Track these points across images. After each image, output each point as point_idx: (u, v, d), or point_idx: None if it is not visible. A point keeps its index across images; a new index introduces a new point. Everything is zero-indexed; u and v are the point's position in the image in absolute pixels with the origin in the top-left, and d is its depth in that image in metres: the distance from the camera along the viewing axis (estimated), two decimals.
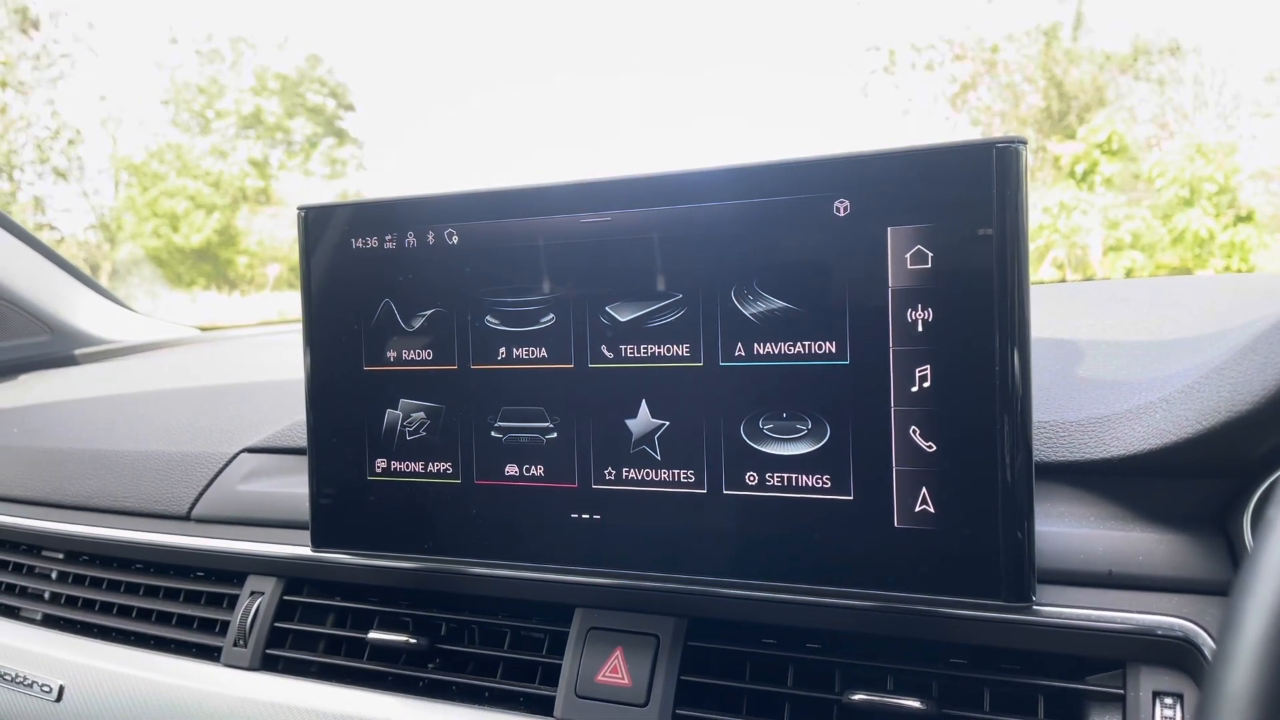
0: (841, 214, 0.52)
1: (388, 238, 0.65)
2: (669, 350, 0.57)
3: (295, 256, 0.67)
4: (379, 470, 0.66)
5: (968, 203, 0.49)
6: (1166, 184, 9.88)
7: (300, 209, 0.68)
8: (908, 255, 0.51)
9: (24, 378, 1.36)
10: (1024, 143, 0.49)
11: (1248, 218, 9.74)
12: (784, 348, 0.54)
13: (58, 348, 1.45)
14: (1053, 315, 0.78)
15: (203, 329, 1.62)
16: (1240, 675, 0.29)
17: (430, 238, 0.63)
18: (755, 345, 0.55)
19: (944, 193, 0.50)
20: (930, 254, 0.51)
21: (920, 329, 0.51)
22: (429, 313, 0.64)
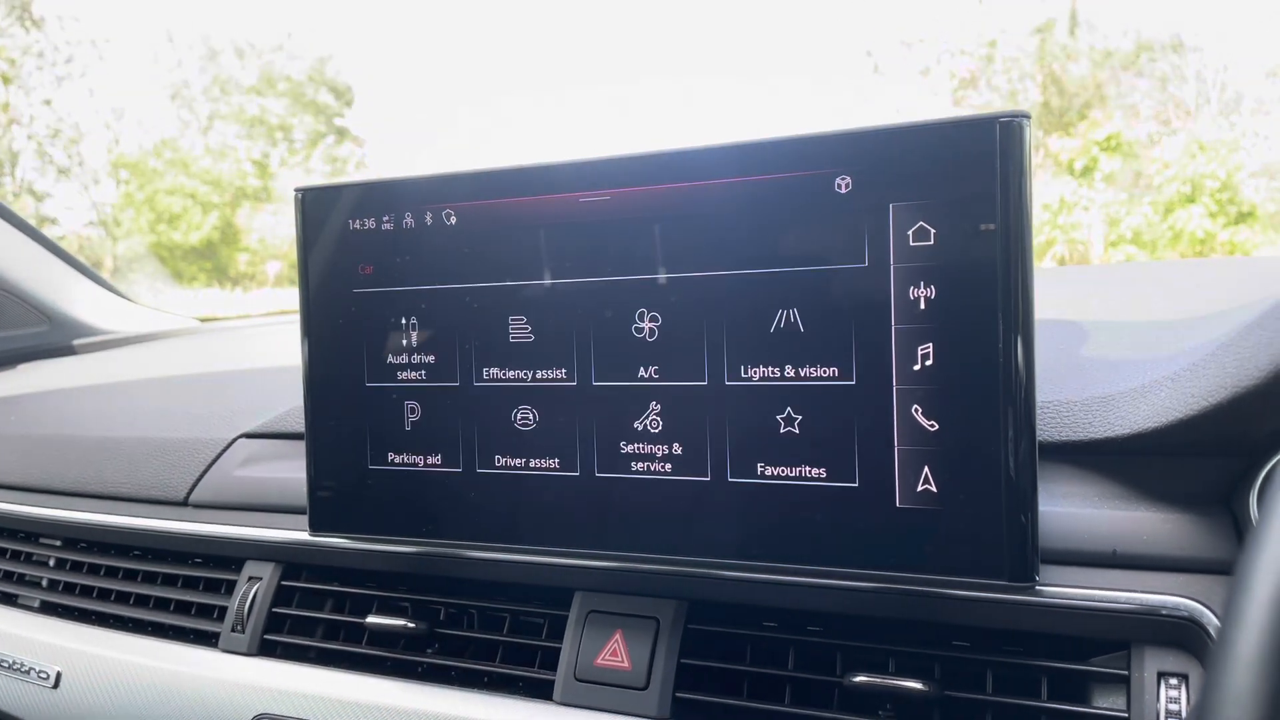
0: (843, 190, 0.52)
1: (385, 219, 0.64)
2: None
3: (296, 254, 0.67)
4: (378, 457, 0.65)
5: (971, 178, 0.49)
6: (1167, 180, 9.87)
7: (297, 190, 0.67)
8: (910, 232, 0.50)
9: (22, 367, 1.35)
10: (1027, 116, 0.48)
11: (1249, 214, 9.73)
12: None
13: (56, 338, 1.44)
14: (1056, 296, 0.78)
15: (202, 320, 1.62)
16: (1247, 645, 0.29)
17: (428, 218, 0.63)
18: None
19: (947, 168, 0.49)
20: (933, 230, 0.50)
21: (922, 306, 0.50)
22: (427, 296, 0.63)
